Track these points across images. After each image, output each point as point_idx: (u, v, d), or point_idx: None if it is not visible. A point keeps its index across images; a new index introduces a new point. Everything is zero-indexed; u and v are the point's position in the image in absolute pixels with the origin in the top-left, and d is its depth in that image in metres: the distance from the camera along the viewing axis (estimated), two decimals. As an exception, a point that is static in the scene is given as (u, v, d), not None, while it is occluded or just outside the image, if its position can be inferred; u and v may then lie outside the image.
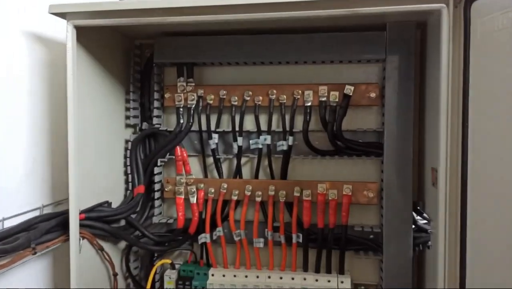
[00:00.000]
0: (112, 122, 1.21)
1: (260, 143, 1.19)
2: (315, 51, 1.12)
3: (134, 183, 1.23)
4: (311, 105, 1.16)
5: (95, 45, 1.09)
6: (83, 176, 1.06)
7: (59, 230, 1.04)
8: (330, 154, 1.19)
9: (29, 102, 1.04)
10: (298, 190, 1.17)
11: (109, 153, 1.20)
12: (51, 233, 1.02)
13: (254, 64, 1.20)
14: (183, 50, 1.17)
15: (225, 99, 1.20)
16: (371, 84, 1.14)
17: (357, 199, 1.15)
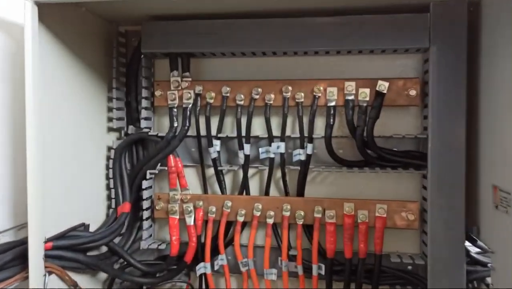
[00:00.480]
0: (91, 125, 0.99)
1: (272, 152, 0.97)
2: (340, 38, 0.89)
3: (118, 199, 1.01)
4: (335, 106, 0.93)
5: (66, 31, 0.88)
6: (50, 193, 0.85)
7: (18, 264, 0.82)
8: (358, 165, 0.96)
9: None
10: (319, 210, 0.95)
11: (86, 163, 0.98)
12: (7, 269, 0.80)
13: (264, 54, 0.98)
14: (176, 37, 0.94)
15: (229, 98, 0.97)
16: (411, 80, 0.92)
17: (393, 222, 0.93)
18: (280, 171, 0.99)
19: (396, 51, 0.93)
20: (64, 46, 0.87)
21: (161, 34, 0.95)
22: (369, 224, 0.93)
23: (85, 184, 0.97)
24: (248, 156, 0.98)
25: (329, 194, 1.00)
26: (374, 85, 0.91)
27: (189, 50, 0.96)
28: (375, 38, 0.88)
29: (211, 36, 0.93)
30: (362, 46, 0.89)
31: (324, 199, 0.96)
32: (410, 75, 0.95)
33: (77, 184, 0.94)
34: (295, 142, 1.00)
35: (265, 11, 0.89)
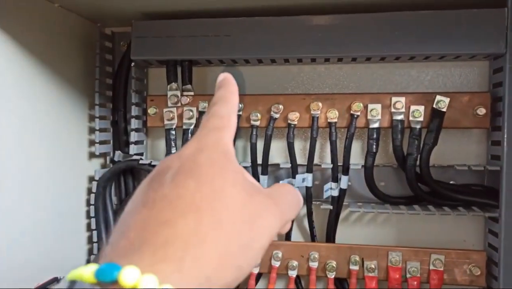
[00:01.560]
0: (68, 151, 0.78)
1: (296, 186, 0.76)
2: (386, 41, 0.68)
3: (101, 244, 0.80)
4: (379, 128, 0.73)
5: (33, 33, 0.67)
6: (9, 239, 0.64)
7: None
8: (406, 203, 0.76)
9: None
10: (356, 261, 0.74)
11: (61, 198, 0.77)
12: None
13: (286, 62, 0.78)
14: (175, 40, 0.73)
15: (242, 117, 0.77)
16: (479, 94, 0.71)
17: (452, 278, 0.72)
18: (305, 209, 0.78)
19: (458, 58, 0.72)
20: (30, 53, 0.67)
21: (156, 37, 0.74)
22: (421, 279, 0.73)
23: (59, 225, 0.76)
24: (266, 189, 0.78)
25: (367, 237, 0.79)
26: (429, 101, 0.71)
27: (192, 57, 0.75)
28: (433, 41, 0.68)
29: (219, 38, 0.72)
30: (415, 50, 0.68)
31: (362, 247, 0.75)
32: (474, 89, 0.75)
33: (48, 226, 0.73)
34: (324, 174, 0.79)
35: (288, 7, 0.69)
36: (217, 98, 0.36)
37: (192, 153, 0.30)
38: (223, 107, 0.35)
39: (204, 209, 0.27)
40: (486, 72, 0.75)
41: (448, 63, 0.76)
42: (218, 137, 0.32)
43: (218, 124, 0.33)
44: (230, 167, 0.30)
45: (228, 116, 0.34)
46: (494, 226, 0.72)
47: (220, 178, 0.28)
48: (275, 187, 0.35)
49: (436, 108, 0.70)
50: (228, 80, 0.37)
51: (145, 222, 0.26)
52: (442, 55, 0.70)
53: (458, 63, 0.76)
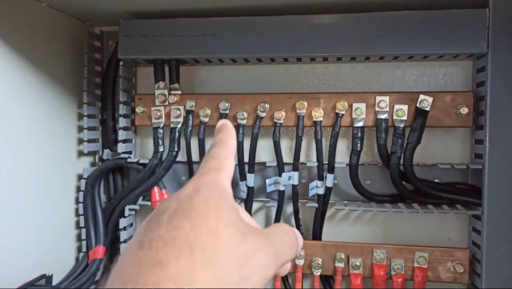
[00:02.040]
0: (57, 149, 0.79)
1: (282, 184, 0.77)
2: (370, 41, 0.69)
3: (90, 242, 0.81)
4: (363, 127, 0.74)
5: (22, 33, 0.68)
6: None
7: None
8: (390, 201, 0.77)
9: None
10: (341, 258, 0.75)
11: (50, 196, 0.77)
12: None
13: (273, 61, 0.78)
14: (163, 39, 0.74)
15: (228, 116, 0.77)
16: (462, 94, 0.72)
17: (436, 275, 0.73)
18: (291, 207, 0.78)
19: (442, 57, 0.73)
20: (18, 52, 0.67)
21: (144, 36, 0.75)
22: (405, 277, 0.74)
23: (48, 223, 0.77)
24: (252, 188, 0.78)
25: (353, 235, 0.80)
26: (413, 100, 0.72)
27: (179, 56, 0.76)
28: (416, 41, 0.69)
29: (206, 37, 0.73)
30: (399, 51, 0.69)
31: (347, 244, 0.76)
32: (458, 88, 0.76)
33: (37, 224, 0.74)
34: (310, 172, 0.80)
35: (274, 6, 0.70)
36: (215, 142, 0.37)
37: (189, 194, 0.31)
38: (221, 150, 0.36)
39: (197, 249, 0.27)
40: (469, 72, 0.76)
41: (433, 63, 0.77)
42: (214, 177, 0.32)
43: (215, 165, 0.34)
44: (226, 206, 0.30)
45: (226, 157, 0.35)
46: (477, 224, 0.73)
47: (215, 217, 0.29)
48: (272, 227, 0.35)
49: (420, 107, 0.71)
50: (226, 125, 0.39)
51: (139, 263, 0.27)
52: (425, 55, 0.70)
53: (442, 63, 0.77)
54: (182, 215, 0.29)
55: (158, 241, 0.27)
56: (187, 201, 0.30)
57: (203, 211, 0.29)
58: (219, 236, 0.28)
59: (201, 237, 0.27)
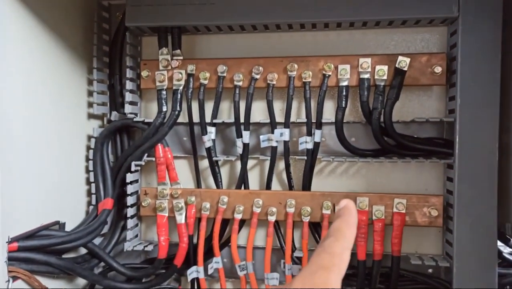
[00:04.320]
0: (69, 111, 0.87)
1: (275, 140, 0.85)
2: (354, 8, 0.77)
3: (99, 195, 0.89)
4: (348, 86, 0.81)
5: (38, 2, 0.75)
6: (17, 185, 0.72)
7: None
8: (373, 155, 0.85)
9: None
10: (328, 206, 0.83)
11: (63, 153, 0.85)
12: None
13: (267, 29, 0.86)
14: (166, 8, 0.82)
15: (226, 78, 0.85)
16: (436, 55, 0.80)
17: (413, 219, 0.81)
18: (283, 162, 0.86)
19: (419, 23, 0.81)
20: (34, 18, 0.75)
21: (148, 5, 0.83)
22: (385, 221, 0.81)
23: (61, 177, 0.85)
24: (248, 144, 0.86)
25: (340, 187, 0.88)
26: (392, 62, 0.79)
27: (181, 24, 0.84)
28: (395, 7, 0.76)
29: (205, 6, 0.81)
30: (380, 16, 0.77)
31: (334, 193, 0.84)
32: (434, 51, 0.84)
33: (51, 177, 0.82)
34: (301, 129, 0.88)
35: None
36: (332, 229, 0.35)
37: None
38: (336, 243, 0.33)
39: None
40: (445, 37, 0.84)
41: (411, 30, 0.84)
42: (325, 279, 0.31)
43: (327, 262, 0.32)
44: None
45: (341, 254, 0.33)
46: (450, 173, 0.81)
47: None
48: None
49: (398, 67, 0.79)
50: (348, 209, 0.36)
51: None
52: (402, 19, 0.78)
53: (420, 29, 0.84)
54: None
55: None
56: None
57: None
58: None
59: None
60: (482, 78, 0.74)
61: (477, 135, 0.74)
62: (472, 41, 0.74)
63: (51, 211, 0.82)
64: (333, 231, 0.34)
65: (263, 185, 0.89)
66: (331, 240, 0.34)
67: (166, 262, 0.88)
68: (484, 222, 0.74)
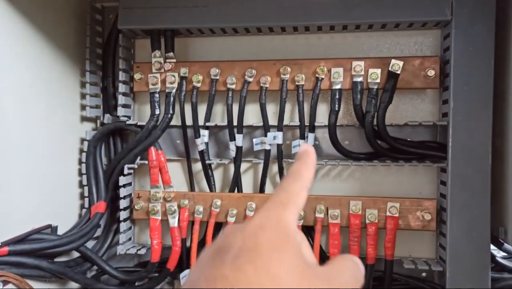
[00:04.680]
0: (62, 114, 0.86)
1: (268, 143, 0.84)
2: (347, 11, 0.77)
3: (92, 198, 0.88)
4: (341, 89, 0.81)
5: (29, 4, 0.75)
6: (9, 188, 0.73)
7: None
8: (366, 158, 0.84)
9: None
10: (321, 209, 0.83)
11: (56, 156, 0.85)
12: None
13: (260, 32, 0.86)
14: (158, 11, 0.82)
15: (219, 81, 0.85)
16: (429, 58, 0.79)
17: (406, 223, 0.81)
18: (277, 165, 0.86)
19: (412, 26, 0.81)
20: (26, 20, 0.74)
21: (141, 8, 0.82)
22: (379, 225, 0.81)
23: (54, 181, 0.84)
24: (241, 147, 0.86)
25: (333, 191, 0.87)
26: (386, 65, 0.79)
27: (173, 26, 0.83)
28: (388, 10, 0.76)
29: (198, 9, 0.80)
30: (373, 19, 0.77)
31: (327, 197, 0.83)
32: (428, 54, 0.83)
33: (44, 180, 0.81)
34: (294, 132, 0.87)
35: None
36: (291, 171, 0.36)
37: (254, 231, 0.31)
38: (294, 182, 0.34)
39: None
40: (438, 40, 0.84)
41: (404, 33, 0.84)
42: (281, 214, 0.32)
43: (284, 199, 0.33)
44: (289, 250, 0.30)
45: (297, 192, 0.34)
46: (443, 176, 0.80)
47: (278, 263, 0.29)
48: (335, 262, 0.34)
49: (391, 70, 0.78)
50: (307, 152, 0.37)
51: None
52: (396, 22, 0.78)
53: (413, 32, 0.84)
54: (246, 256, 0.29)
55: (223, 281, 0.28)
56: (251, 240, 0.30)
57: (267, 254, 0.29)
58: (281, 283, 0.28)
59: (263, 283, 0.28)
60: (475, 81, 0.73)
61: (470, 139, 0.74)
62: (465, 44, 0.74)
63: (43, 214, 0.81)
64: (291, 172, 0.35)
65: (257, 188, 0.89)
66: (289, 179, 0.35)
67: (159, 265, 0.88)
68: (477, 226, 0.74)
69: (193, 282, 0.30)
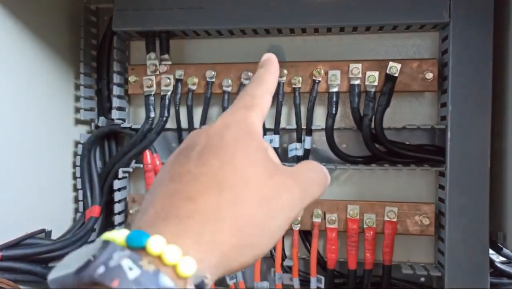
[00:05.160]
0: (55, 116, 0.85)
1: (264, 147, 0.83)
2: (344, 13, 0.76)
3: (86, 202, 0.87)
4: (338, 92, 0.80)
5: (22, 5, 0.74)
6: (1, 194, 0.71)
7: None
8: (364, 162, 0.83)
9: None
10: (318, 214, 0.82)
11: (50, 160, 0.83)
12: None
13: (256, 34, 0.85)
14: (154, 12, 0.81)
15: (215, 84, 0.84)
16: (427, 61, 0.78)
17: (405, 228, 0.80)
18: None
19: (409, 29, 0.80)
20: (18, 22, 0.73)
21: (136, 10, 0.81)
22: (376, 230, 0.80)
23: (47, 184, 0.83)
24: (237, 151, 0.85)
25: (330, 195, 0.86)
26: (383, 67, 0.78)
27: (168, 28, 0.82)
28: (386, 12, 0.75)
29: (194, 10, 0.79)
30: (371, 21, 0.76)
31: (324, 201, 0.82)
32: (425, 57, 0.82)
33: (37, 184, 0.80)
34: (291, 136, 0.86)
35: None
36: (254, 77, 0.36)
37: (218, 130, 0.31)
38: (257, 87, 0.35)
39: (224, 187, 0.28)
40: (436, 43, 0.83)
41: (402, 35, 0.83)
42: (245, 115, 0.32)
43: (248, 102, 0.34)
44: (253, 146, 0.30)
45: (261, 96, 0.34)
46: (442, 180, 0.79)
47: (243, 157, 0.29)
48: (299, 165, 0.35)
49: (389, 73, 0.77)
50: (270, 60, 0.38)
51: (171, 195, 0.28)
52: (393, 24, 0.77)
53: (411, 34, 0.83)
54: (211, 152, 0.29)
55: (188, 176, 0.29)
56: (216, 137, 0.30)
57: (232, 149, 0.29)
58: (246, 176, 0.29)
59: (228, 176, 0.28)
60: (474, 84, 0.73)
61: (469, 143, 0.73)
62: (463, 46, 0.73)
63: (37, 218, 0.80)
64: (255, 78, 0.36)
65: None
66: (253, 85, 0.35)
67: (154, 270, 0.87)
68: (476, 230, 0.73)
69: (157, 182, 0.31)
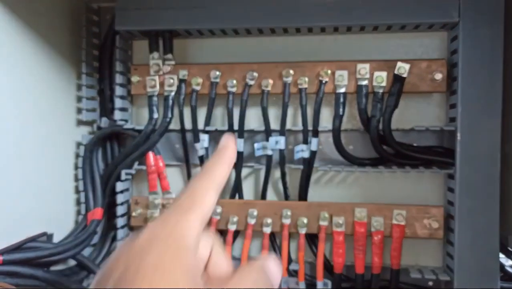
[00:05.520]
0: (57, 117, 0.83)
1: (270, 148, 0.82)
2: (351, 12, 0.74)
3: (88, 204, 0.86)
4: (345, 92, 0.79)
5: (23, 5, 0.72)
6: (2, 196, 0.70)
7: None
8: (371, 164, 0.82)
9: None
10: (325, 217, 0.80)
11: (51, 161, 0.82)
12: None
13: (261, 33, 0.83)
14: (156, 11, 0.79)
15: (219, 84, 0.82)
16: (436, 61, 0.77)
17: (413, 231, 0.78)
18: (279, 171, 0.83)
19: (418, 28, 0.78)
20: (18, 21, 0.72)
21: (139, 9, 0.80)
22: (384, 233, 0.79)
23: (49, 186, 0.81)
24: (242, 153, 0.83)
25: (337, 197, 0.85)
26: (391, 68, 0.77)
27: (171, 27, 0.81)
28: (394, 11, 0.74)
29: (197, 9, 0.78)
30: (378, 20, 0.75)
31: (331, 204, 0.81)
32: (434, 57, 0.81)
33: (38, 186, 0.79)
34: (297, 137, 0.85)
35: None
36: (203, 167, 0.32)
37: (141, 249, 0.27)
38: (201, 181, 0.31)
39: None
40: (445, 43, 0.81)
41: (410, 35, 0.81)
42: (178, 223, 0.28)
43: (186, 203, 0.29)
44: (178, 271, 0.27)
45: (203, 194, 0.30)
46: (451, 183, 0.78)
47: (164, 286, 0.26)
48: (237, 272, 0.30)
49: (397, 74, 0.76)
50: (225, 146, 0.33)
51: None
52: (401, 24, 0.75)
53: (419, 34, 0.81)
54: (127, 282, 0.26)
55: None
56: (135, 262, 0.27)
57: (149, 278, 0.26)
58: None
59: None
60: (484, 85, 0.71)
61: (479, 144, 0.72)
62: (473, 47, 0.71)
63: (38, 221, 0.79)
64: (203, 168, 0.32)
65: (258, 195, 0.86)
66: (197, 178, 0.31)
67: (157, 274, 0.85)
68: (486, 234, 0.72)
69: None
